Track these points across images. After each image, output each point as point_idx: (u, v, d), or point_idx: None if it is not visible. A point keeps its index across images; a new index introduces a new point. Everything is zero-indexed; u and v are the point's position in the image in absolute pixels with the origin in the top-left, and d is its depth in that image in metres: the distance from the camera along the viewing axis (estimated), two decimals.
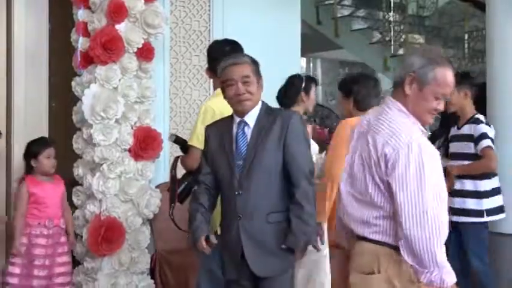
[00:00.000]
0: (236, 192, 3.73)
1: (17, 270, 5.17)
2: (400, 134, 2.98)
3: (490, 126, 5.40)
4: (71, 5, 5.76)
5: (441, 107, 3.09)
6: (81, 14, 5.61)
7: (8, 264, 5.25)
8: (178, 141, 4.54)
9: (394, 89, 3.12)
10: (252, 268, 3.70)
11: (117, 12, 5.38)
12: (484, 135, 5.31)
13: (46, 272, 5.21)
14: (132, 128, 5.52)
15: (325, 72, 14.72)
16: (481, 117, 5.47)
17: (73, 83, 5.71)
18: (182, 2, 6.33)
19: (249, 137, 3.76)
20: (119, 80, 5.44)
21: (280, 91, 5.33)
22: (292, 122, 3.72)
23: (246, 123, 3.78)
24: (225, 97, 3.85)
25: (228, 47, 4.59)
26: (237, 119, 3.82)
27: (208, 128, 3.97)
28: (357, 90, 4.74)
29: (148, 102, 5.63)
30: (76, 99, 5.66)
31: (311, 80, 5.42)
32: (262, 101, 3.85)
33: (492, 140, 5.33)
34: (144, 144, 5.51)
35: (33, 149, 5.30)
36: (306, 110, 5.35)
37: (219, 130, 3.88)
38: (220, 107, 4.37)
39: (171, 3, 6.25)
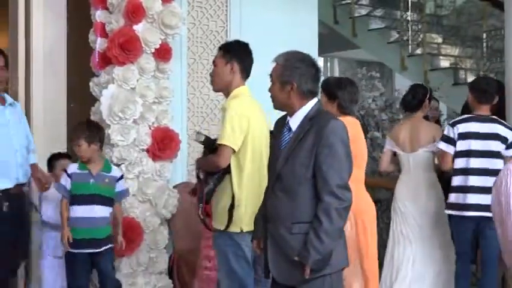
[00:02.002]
0: (268, 195, 3.70)
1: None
2: None
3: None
4: (88, 6, 5.78)
5: None
6: (99, 15, 5.63)
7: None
8: (207, 142, 4.46)
9: None
10: (271, 272, 3.65)
11: (135, 13, 5.40)
12: None
13: None
14: (150, 128, 5.53)
15: (343, 72, 14.64)
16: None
17: (91, 84, 5.73)
18: (199, 2, 6.34)
19: (288, 141, 3.64)
20: (137, 80, 5.46)
21: (407, 96, 6.06)
22: (326, 131, 3.50)
23: (289, 126, 3.66)
24: None
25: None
26: (287, 119, 3.72)
27: (275, 124, 3.86)
28: (342, 96, 5.03)
29: (166, 103, 5.64)
30: (94, 100, 5.68)
31: (431, 91, 6.23)
32: (316, 104, 3.67)
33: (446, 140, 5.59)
34: (162, 144, 5.53)
35: None
36: (425, 114, 6.09)
37: (278, 128, 3.79)
38: (245, 108, 4.37)
39: (188, 3, 6.25)
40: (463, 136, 5.51)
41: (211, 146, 4.42)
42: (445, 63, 11.05)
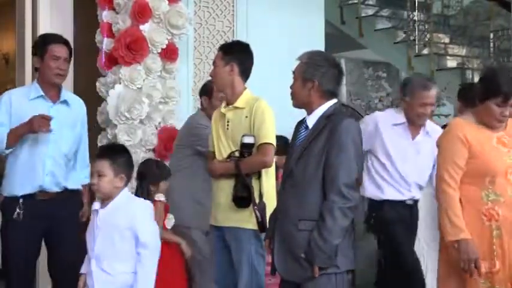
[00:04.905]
0: (280, 191, 3.75)
1: None
2: None
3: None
4: (95, 6, 5.79)
5: None
6: (105, 15, 5.64)
7: None
8: (253, 144, 4.36)
9: None
10: (276, 267, 3.68)
11: (141, 13, 5.41)
12: None
13: None
14: (156, 128, 5.54)
15: (349, 72, 14.64)
16: None
17: (98, 84, 5.74)
18: (206, 3, 6.34)
19: (303, 138, 3.67)
20: (143, 80, 5.47)
21: None
22: (338, 130, 3.53)
23: (306, 124, 3.69)
24: None
25: None
26: (305, 118, 3.75)
27: (296, 125, 3.87)
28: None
29: (173, 103, 5.65)
30: (101, 100, 5.69)
31: None
32: (335, 103, 3.69)
33: None
34: (169, 144, 5.53)
35: None
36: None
37: (297, 128, 3.81)
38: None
39: (195, 3, 6.26)
40: None
41: (250, 149, 4.31)
42: (452, 63, 11.03)
